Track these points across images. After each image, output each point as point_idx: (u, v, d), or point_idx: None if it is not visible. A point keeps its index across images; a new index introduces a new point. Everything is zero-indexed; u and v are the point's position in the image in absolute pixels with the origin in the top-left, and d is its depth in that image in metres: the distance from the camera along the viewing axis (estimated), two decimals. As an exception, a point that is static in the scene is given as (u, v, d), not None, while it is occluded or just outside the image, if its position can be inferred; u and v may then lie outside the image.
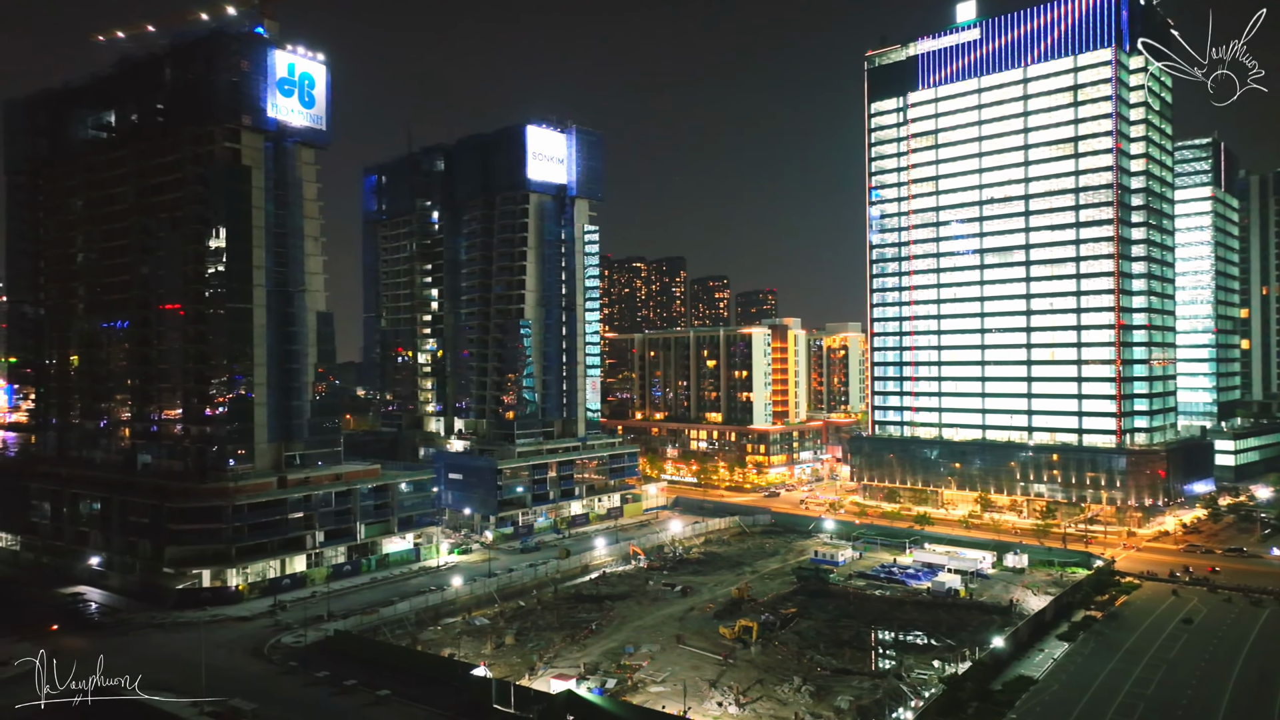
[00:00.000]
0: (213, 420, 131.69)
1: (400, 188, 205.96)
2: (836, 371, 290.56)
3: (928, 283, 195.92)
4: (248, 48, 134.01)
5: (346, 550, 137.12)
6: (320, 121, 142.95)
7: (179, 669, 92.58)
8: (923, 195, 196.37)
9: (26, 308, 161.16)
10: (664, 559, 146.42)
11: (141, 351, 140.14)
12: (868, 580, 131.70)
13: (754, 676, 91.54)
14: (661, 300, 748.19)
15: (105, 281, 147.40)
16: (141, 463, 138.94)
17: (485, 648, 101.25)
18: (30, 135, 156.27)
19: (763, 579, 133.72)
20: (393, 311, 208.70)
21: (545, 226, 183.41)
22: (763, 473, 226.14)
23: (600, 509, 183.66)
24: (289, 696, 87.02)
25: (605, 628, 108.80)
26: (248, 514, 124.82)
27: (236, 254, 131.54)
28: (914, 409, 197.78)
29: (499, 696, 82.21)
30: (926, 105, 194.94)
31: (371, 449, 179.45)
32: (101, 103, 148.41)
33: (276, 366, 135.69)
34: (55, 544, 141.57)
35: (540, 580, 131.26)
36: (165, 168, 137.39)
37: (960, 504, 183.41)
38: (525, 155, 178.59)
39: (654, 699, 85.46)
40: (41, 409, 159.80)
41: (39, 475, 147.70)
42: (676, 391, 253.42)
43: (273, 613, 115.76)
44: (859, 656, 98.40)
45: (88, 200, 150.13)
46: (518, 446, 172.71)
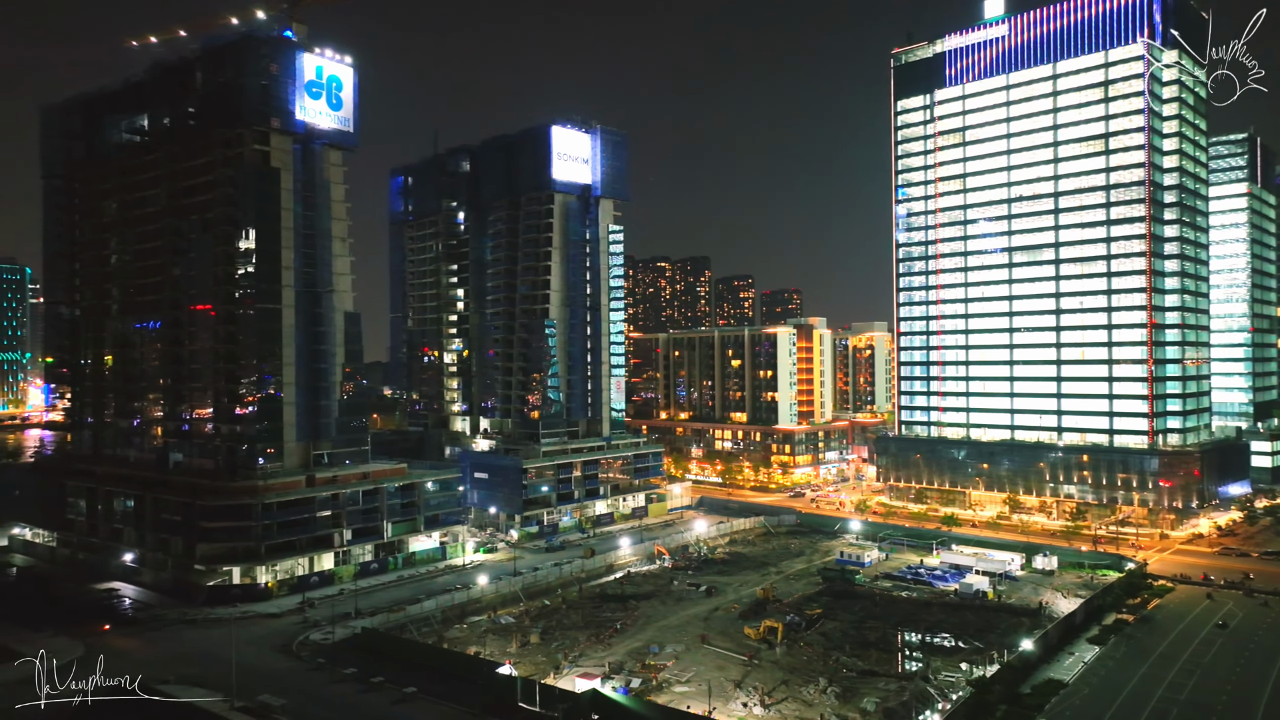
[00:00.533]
0: (243, 419, 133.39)
1: (426, 189, 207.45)
2: (862, 371, 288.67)
3: (955, 281, 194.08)
4: (277, 51, 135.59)
5: (374, 548, 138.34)
6: (347, 124, 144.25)
7: (210, 665, 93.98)
8: (950, 193, 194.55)
9: (62, 309, 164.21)
10: (689, 559, 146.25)
11: (173, 351, 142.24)
12: (894, 581, 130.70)
13: (779, 677, 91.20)
14: (686, 300, 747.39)
15: (138, 283, 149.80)
16: (173, 461, 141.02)
17: (511, 646, 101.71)
18: (66, 139, 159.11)
19: (788, 579, 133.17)
20: (419, 312, 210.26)
21: (570, 226, 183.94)
22: (788, 473, 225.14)
23: (625, 508, 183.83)
24: (317, 693, 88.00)
25: (630, 627, 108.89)
26: (277, 512, 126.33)
27: (266, 255, 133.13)
28: (941, 409, 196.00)
29: (524, 695, 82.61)
30: (954, 102, 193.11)
31: (398, 448, 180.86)
32: (135, 107, 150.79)
33: (305, 366, 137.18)
34: (91, 540, 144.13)
35: (565, 579, 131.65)
36: (196, 170, 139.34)
37: (988, 505, 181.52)
38: (550, 155, 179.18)
39: (678, 699, 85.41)
40: (77, 408, 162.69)
41: (75, 473, 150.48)
42: (701, 391, 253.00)
43: (301, 610, 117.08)
44: (885, 658, 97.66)
45: (121, 203, 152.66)
46: (543, 446, 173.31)
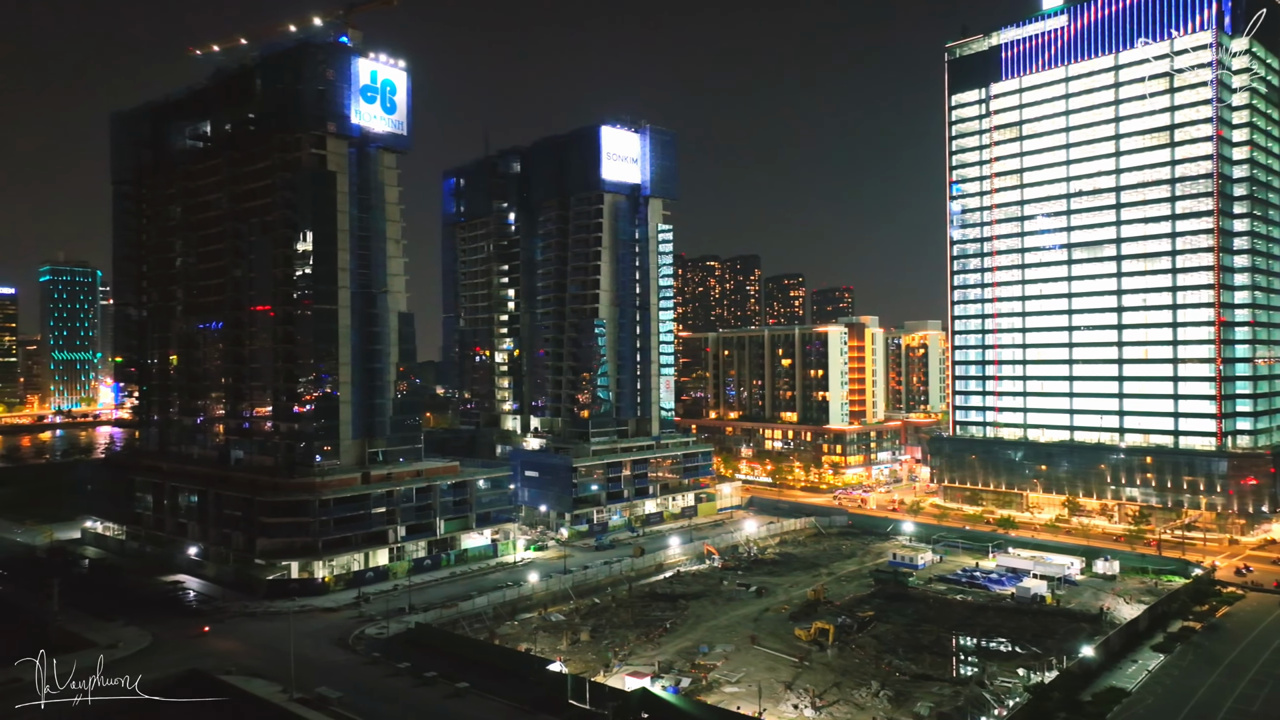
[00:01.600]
0: (300, 417, 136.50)
1: (478, 190, 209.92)
2: (915, 371, 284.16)
3: (1012, 279, 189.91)
4: (333, 57, 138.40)
5: (427, 545, 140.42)
6: (401, 127, 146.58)
7: (269, 656, 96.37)
8: (1006, 189, 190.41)
9: (130, 310, 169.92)
10: (738, 559, 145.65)
11: (234, 351, 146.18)
12: (948, 584, 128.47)
13: (830, 679, 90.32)
14: (735, 299, 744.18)
15: (201, 284, 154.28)
16: (235, 458, 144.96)
17: (561, 643, 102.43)
18: (134, 146, 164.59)
19: (839, 581, 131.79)
20: (471, 312, 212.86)
21: (619, 226, 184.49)
22: (839, 473, 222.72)
23: (674, 508, 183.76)
24: (372, 686, 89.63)
25: (679, 626, 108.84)
26: (333, 508, 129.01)
27: (322, 257, 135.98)
28: (997, 409, 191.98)
29: (574, 692, 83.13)
30: (1010, 96, 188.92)
31: (450, 446, 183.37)
32: (198, 114, 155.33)
33: (360, 365, 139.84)
34: (157, 534, 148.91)
35: (615, 578, 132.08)
36: (256, 174, 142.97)
37: (1046, 507, 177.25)
38: (599, 156, 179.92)
39: (728, 699, 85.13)
40: (144, 406, 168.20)
41: (142, 469, 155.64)
42: (751, 391, 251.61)
43: (357, 604, 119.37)
44: (939, 662, 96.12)
45: (186, 207, 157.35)
46: (592, 445, 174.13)
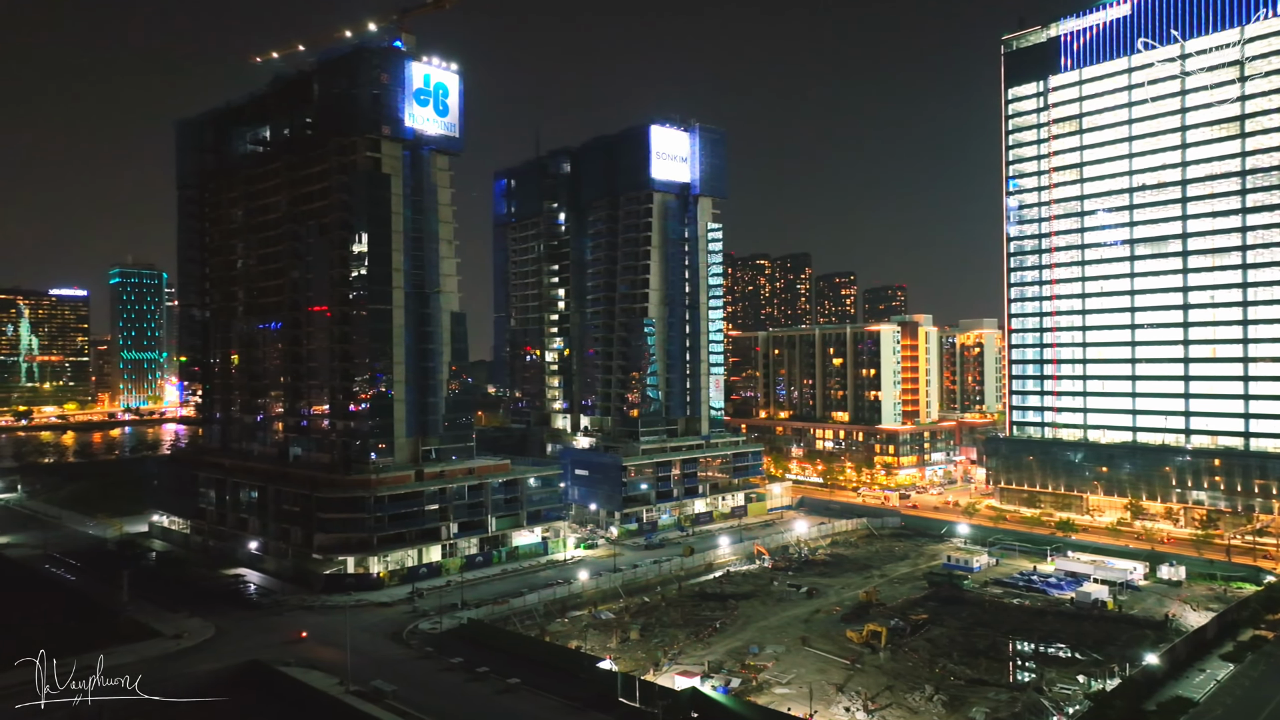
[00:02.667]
0: (356, 416, 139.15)
1: (528, 191, 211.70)
2: (970, 370, 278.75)
3: (1071, 275, 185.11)
4: (387, 61, 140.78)
5: (478, 542, 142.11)
6: (454, 129, 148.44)
7: (326, 650, 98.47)
8: (1065, 184, 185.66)
9: (194, 310, 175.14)
10: (789, 559, 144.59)
11: (293, 351, 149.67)
12: (1005, 588, 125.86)
13: (883, 683, 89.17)
14: (786, 298, 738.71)
15: (261, 285, 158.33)
16: (293, 455, 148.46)
17: (611, 641, 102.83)
18: (198, 151, 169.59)
19: (892, 583, 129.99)
20: (521, 311, 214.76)
21: (668, 225, 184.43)
22: (892, 474, 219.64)
23: (724, 507, 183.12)
24: (426, 680, 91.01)
25: (729, 626, 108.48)
26: (388, 505, 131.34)
27: (377, 258, 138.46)
28: (1056, 409, 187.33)
29: (624, 690, 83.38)
30: (1070, 88, 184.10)
31: (501, 444, 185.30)
32: (258, 119, 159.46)
33: (414, 365, 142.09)
34: (219, 528, 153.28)
35: (664, 577, 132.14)
36: (313, 178, 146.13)
37: (1107, 510, 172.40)
38: (649, 155, 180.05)
39: (779, 700, 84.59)
40: (208, 404, 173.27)
41: (205, 465, 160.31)
42: (801, 390, 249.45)
43: (411, 600, 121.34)
44: (995, 667, 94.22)
45: (246, 210, 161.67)
46: (642, 444, 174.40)
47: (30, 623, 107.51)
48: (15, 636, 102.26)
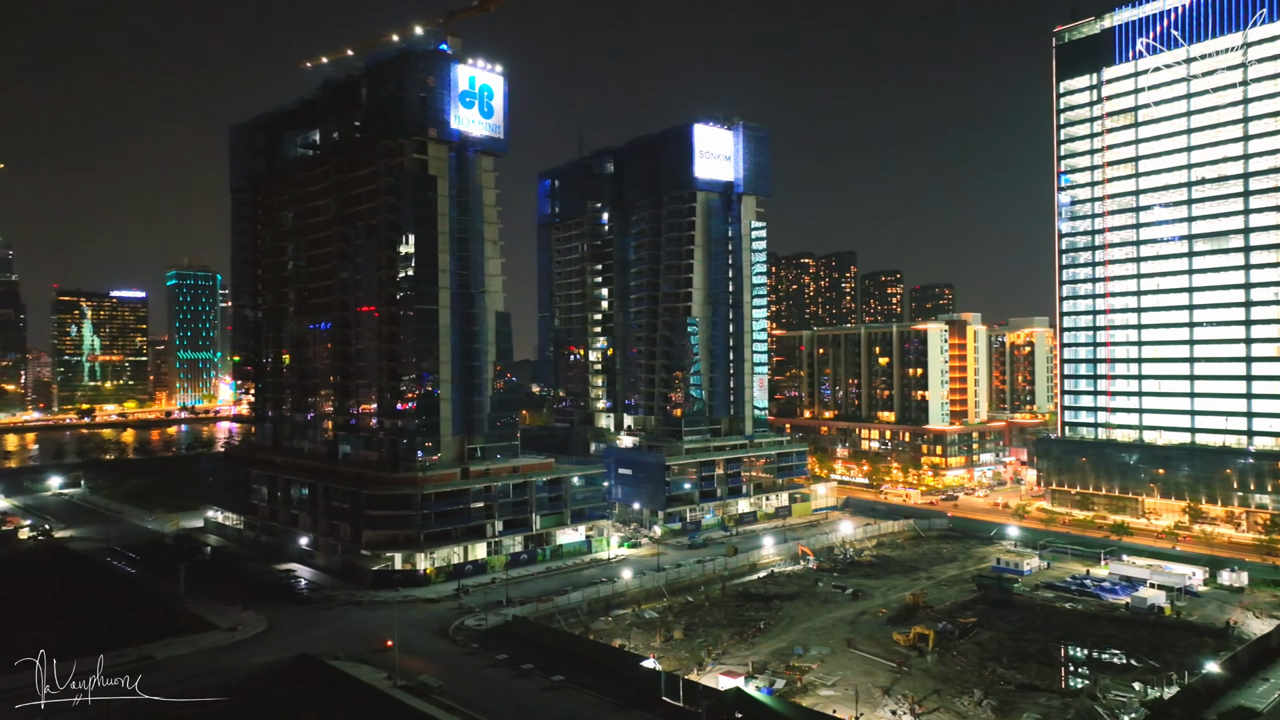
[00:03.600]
0: (403, 414, 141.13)
1: (572, 191, 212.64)
2: (1020, 369, 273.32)
3: (1126, 272, 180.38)
4: (433, 65, 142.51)
5: (523, 540, 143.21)
6: (498, 130, 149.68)
7: (374, 644, 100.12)
8: (1120, 178, 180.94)
9: (247, 311, 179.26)
10: (834, 560, 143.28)
11: (342, 350, 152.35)
12: (1056, 592, 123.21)
13: (930, 686, 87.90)
14: (831, 296, 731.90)
15: (311, 286, 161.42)
16: (342, 453, 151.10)
17: (654, 640, 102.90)
18: (250, 156, 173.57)
19: (939, 585, 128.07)
20: (565, 311, 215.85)
21: (712, 224, 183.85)
22: (939, 475, 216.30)
23: (768, 508, 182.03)
24: (471, 676, 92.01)
25: (773, 627, 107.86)
26: (434, 502, 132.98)
27: (424, 258, 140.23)
28: (1110, 409, 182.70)
29: (668, 689, 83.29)
30: (1124, 80, 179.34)
31: (545, 443, 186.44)
32: (308, 123, 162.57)
33: (459, 364, 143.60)
34: (271, 524, 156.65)
35: (708, 577, 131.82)
36: (361, 180, 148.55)
37: (1164, 514, 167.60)
38: (692, 154, 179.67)
39: (824, 702, 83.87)
40: (260, 403, 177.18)
41: (258, 462, 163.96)
42: (846, 390, 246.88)
43: (457, 596, 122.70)
44: (1047, 672, 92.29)
45: (297, 212, 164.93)
46: (685, 443, 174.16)
47: (94, 614, 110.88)
48: (82, 626, 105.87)
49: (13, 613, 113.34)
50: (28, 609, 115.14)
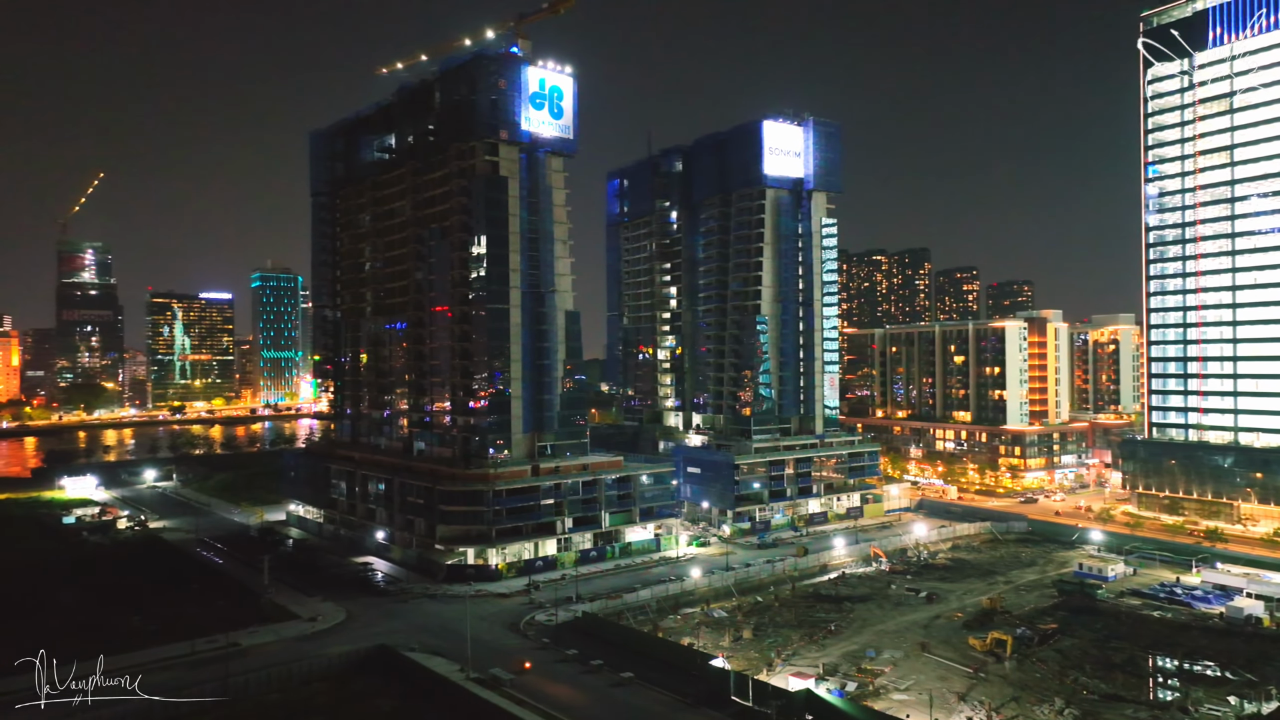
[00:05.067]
0: (475, 412, 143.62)
1: (641, 190, 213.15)
2: (1104, 368, 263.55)
3: (1220, 266, 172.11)
4: (504, 67, 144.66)
5: (592, 537, 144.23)
6: (568, 131, 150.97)
7: (447, 636, 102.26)
8: (1213, 168, 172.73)
9: (326, 311, 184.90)
10: (907, 563, 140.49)
11: (417, 349, 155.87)
12: (1144, 599, 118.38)
13: (1008, 694, 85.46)
14: (903, 294, 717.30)
15: (387, 287, 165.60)
16: (417, 449, 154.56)
17: (723, 640, 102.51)
18: (329, 161, 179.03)
19: (1017, 590, 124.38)
20: (634, 310, 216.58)
21: (781, 221, 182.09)
22: (1017, 477, 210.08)
23: (839, 508, 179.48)
24: (542, 670, 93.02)
25: (845, 629, 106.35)
26: (505, 499, 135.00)
27: (496, 259, 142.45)
28: (1201, 410, 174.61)
29: (737, 689, 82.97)
30: (1219, 65, 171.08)
31: (614, 441, 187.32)
32: (384, 128, 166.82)
33: (530, 363, 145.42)
34: (350, 518, 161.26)
35: (777, 577, 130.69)
36: (435, 182, 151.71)
37: (1262, 520, 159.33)
38: (761, 151, 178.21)
39: (897, 707, 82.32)
40: (339, 400, 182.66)
41: (336, 458, 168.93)
42: (920, 389, 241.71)
43: (527, 592, 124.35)
44: (1133, 683, 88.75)
45: (373, 215, 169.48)
46: (754, 442, 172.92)
47: (186, 601, 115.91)
48: (176, 613, 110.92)
49: (114, 598, 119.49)
50: (127, 594, 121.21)
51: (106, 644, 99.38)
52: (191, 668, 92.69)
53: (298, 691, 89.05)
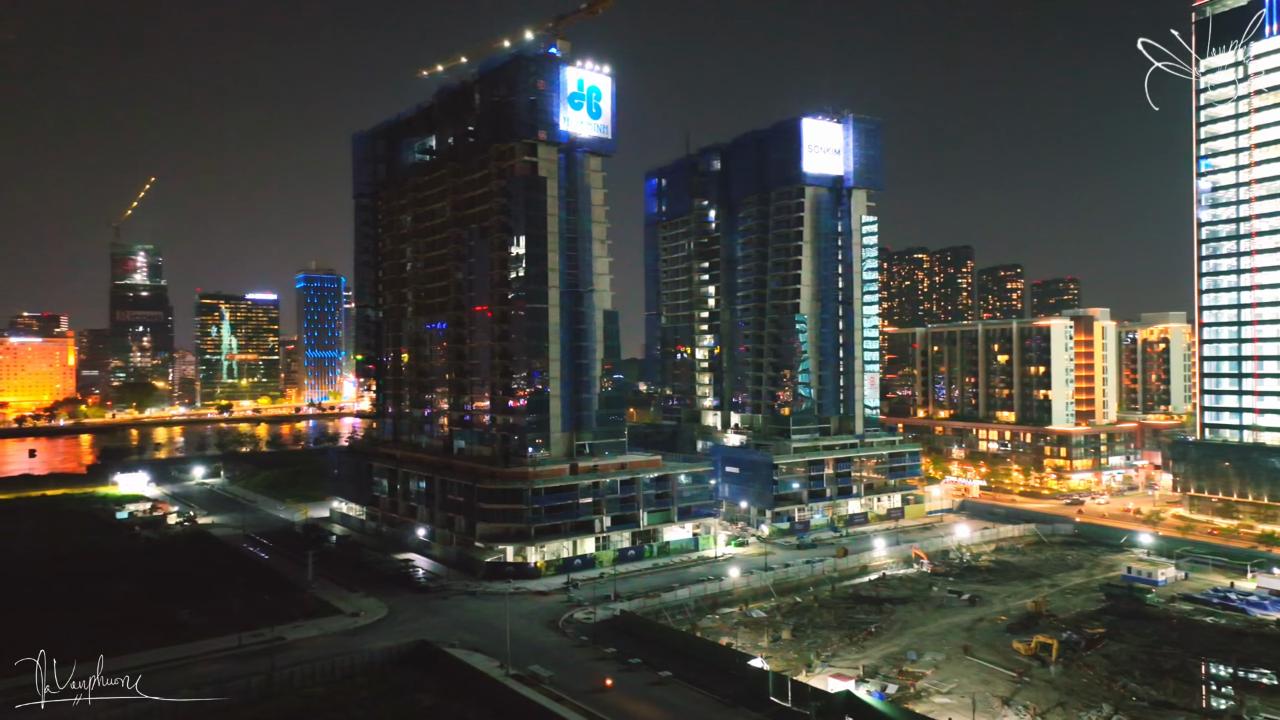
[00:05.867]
0: (515, 411, 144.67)
1: (679, 189, 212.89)
2: (1154, 367, 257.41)
3: (1275, 263, 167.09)
4: (543, 68, 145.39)
5: (630, 536, 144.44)
6: (606, 130, 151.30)
7: (487, 633, 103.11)
8: (1269, 161, 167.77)
9: (369, 311, 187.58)
10: (949, 564, 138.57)
11: (457, 349, 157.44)
12: (1195, 604, 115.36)
13: (1054, 699, 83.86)
14: (945, 292, 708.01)
15: (428, 287, 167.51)
16: (457, 448, 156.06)
17: (762, 640, 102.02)
18: (372, 163, 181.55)
19: (1063, 594, 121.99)
20: (672, 309, 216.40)
21: (821, 220, 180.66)
22: (1063, 478, 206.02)
23: (879, 509, 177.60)
24: (580, 668, 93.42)
25: (885, 631, 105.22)
26: (544, 497, 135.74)
27: (534, 258, 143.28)
28: (1256, 410, 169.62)
29: (776, 689, 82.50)
30: (1275, 55, 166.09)
31: (652, 441, 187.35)
32: (425, 130, 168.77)
33: (569, 362, 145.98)
34: (391, 515, 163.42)
35: (817, 577, 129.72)
36: (475, 183, 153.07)
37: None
38: (800, 148, 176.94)
39: (939, 710, 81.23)
40: (381, 399, 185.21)
41: (379, 456, 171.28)
42: (963, 388, 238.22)
43: (566, 590, 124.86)
44: (1185, 690, 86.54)
45: (414, 216, 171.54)
46: (793, 442, 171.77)
47: (234, 595, 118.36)
48: (224, 606, 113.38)
49: (165, 591, 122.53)
50: (177, 588, 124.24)
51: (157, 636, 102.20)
52: (239, 660, 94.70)
53: (340, 685, 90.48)
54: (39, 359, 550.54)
